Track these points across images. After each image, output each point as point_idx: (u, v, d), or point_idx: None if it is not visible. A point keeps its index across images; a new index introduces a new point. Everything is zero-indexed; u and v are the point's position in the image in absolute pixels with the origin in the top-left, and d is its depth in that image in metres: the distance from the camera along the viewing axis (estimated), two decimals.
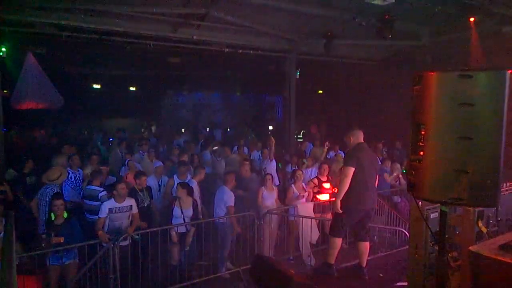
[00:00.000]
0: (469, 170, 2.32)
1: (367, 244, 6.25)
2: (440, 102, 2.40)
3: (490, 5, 8.91)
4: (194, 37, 11.20)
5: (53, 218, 6.25)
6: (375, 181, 6.23)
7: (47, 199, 6.99)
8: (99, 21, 9.84)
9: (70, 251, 6.21)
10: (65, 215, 6.33)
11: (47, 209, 6.86)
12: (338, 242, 6.14)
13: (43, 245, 5.99)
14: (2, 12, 8.86)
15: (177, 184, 7.57)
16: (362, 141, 6.12)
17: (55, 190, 7.18)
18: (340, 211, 5.92)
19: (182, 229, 7.25)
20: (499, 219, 3.95)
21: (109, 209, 6.69)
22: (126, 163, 9.41)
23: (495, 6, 9.09)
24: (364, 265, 6.26)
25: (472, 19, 9.88)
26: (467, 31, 10.47)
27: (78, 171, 8.53)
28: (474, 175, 2.32)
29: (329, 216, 7.83)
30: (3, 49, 9.97)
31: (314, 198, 8.37)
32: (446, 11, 9.91)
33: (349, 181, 5.79)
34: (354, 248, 6.53)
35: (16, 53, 10.76)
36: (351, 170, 5.78)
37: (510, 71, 2.34)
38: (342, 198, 5.88)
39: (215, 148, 10.99)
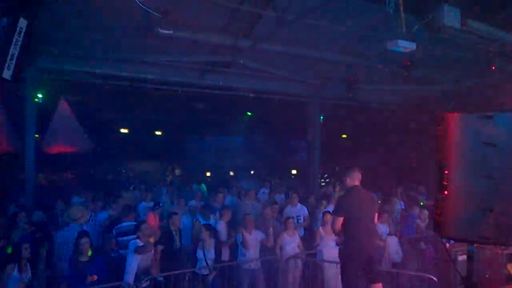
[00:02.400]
0: (494, 209, 2.35)
1: (379, 286, 6.01)
2: (463, 143, 2.48)
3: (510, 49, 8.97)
4: (221, 83, 11.59)
5: (80, 257, 6.35)
6: (373, 223, 5.97)
7: (70, 239, 7.09)
8: (131, 69, 10.37)
9: None
10: (89, 252, 6.41)
11: (70, 249, 6.93)
12: None
13: None
14: (40, 62, 9.43)
15: (202, 226, 7.65)
16: (358, 184, 5.90)
17: (78, 229, 7.31)
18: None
19: (205, 271, 7.25)
20: None
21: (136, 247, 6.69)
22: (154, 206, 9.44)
23: None
24: None
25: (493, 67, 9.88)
26: (489, 76, 10.51)
27: (97, 215, 8.69)
28: (500, 214, 2.35)
29: None
30: (39, 96, 10.44)
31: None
32: (467, 57, 10.02)
33: (338, 228, 5.69)
34: None
35: (51, 99, 11.26)
36: (338, 219, 5.66)
37: None
38: (343, 247, 5.82)
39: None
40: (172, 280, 6.72)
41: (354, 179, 5.89)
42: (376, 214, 6.05)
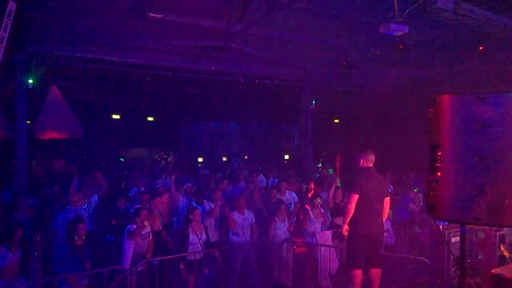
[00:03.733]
0: (487, 190, 2.37)
1: (379, 271, 6.00)
2: (455, 124, 2.48)
3: (503, 32, 8.97)
4: (212, 68, 11.51)
5: (76, 239, 6.41)
6: (383, 207, 6.01)
7: (65, 222, 7.14)
8: (122, 54, 10.24)
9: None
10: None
11: (64, 231, 6.96)
12: (358, 273, 5.92)
13: None
14: (30, 47, 9.29)
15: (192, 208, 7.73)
16: (371, 166, 5.96)
17: (75, 213, 7.34)
18: (346, 233, 5.87)
19: (199, 255, 7.33)
20: None
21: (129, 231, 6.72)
22: (157, 187, 9.43)
23: (507, 33, 9.15)
24: None
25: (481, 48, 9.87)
26: (482, 59, 10.51)
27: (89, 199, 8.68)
28: (492, 195, 2.37)
29: None
30: (30, 81, 10.30)
31: (331, 223, 8.36)
32: (460, 40, 10.01)
33: (353, 207, 5.69)
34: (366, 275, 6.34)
35: (41, 85, 11.13)
36: (355, 196, 5.68)
37: None
38: (350, 226, 5.82)
39: None
40: (166, 263, 6.79)
41: (368, 160, 5.95)
42: (389, 198, 6.10)
